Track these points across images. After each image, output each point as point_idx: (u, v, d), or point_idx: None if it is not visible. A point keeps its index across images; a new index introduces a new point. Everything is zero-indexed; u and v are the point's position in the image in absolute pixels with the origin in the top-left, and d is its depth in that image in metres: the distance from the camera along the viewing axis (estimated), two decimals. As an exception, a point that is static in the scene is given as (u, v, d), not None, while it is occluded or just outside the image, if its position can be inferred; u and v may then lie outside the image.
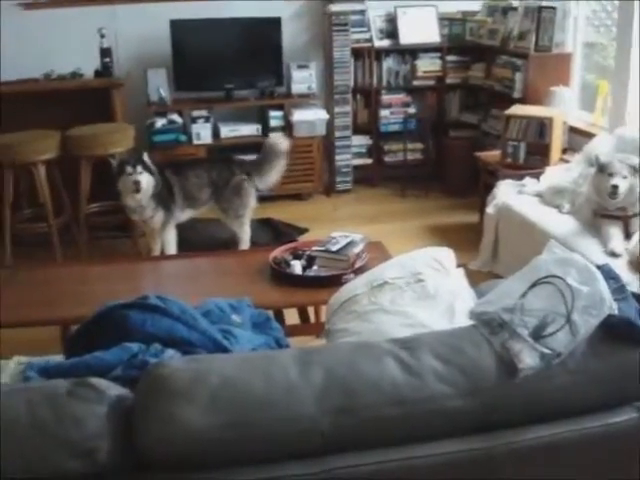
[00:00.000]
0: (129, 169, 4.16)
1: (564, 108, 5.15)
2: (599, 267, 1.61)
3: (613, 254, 3.47)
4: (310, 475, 1.32)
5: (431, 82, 6.30)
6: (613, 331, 1.49)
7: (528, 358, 1.41)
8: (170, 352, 1.85)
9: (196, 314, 2.05)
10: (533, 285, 1.50)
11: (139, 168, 4.16)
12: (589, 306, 1.45)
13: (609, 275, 1.59)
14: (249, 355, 1.67)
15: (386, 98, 6.23)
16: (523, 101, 5.36)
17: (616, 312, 1.48)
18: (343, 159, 6.16)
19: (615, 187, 3.61)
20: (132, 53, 5.71)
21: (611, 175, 3.64)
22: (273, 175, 4.61)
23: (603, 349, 1.50)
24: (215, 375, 1.37)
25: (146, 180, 4.19)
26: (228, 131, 5.78)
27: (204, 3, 5.79)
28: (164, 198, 4.32)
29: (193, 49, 5.76)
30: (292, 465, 1.34)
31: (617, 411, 1.52)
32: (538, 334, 1.44)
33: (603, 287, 1.48)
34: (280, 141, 4.65)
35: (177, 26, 5.62)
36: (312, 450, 1.34)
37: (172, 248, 4.46)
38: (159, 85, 5.63)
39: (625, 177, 3.62)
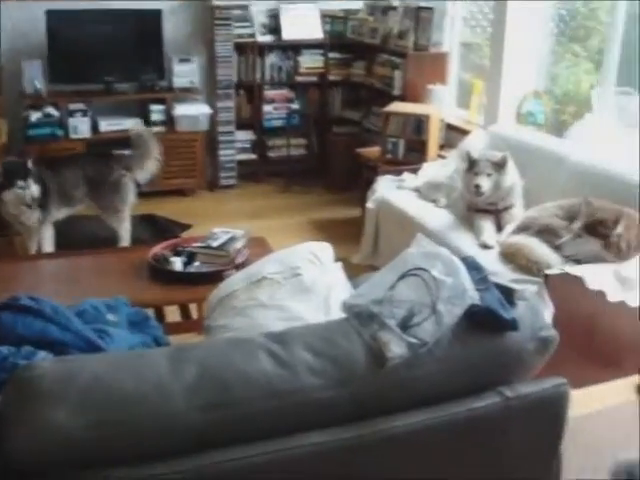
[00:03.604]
0: (20, 183, 4.00)
1: (441, 106, 5.33)
2: (464, 259, 1.68)
3: (485, 246, 3.62)
4: (184, 472, 1.32)
5: (314, 78, 6.38)
6: (475, 319, 1.56)
7: (396, 348, 1.46)
8: (42, 354, 1.80)
9: (70, 314, 2.01)
10: (401, 277, 1.55)
11: (30, 181, 4.01)
12: (452, 296, 1.51)
13: (473, 267, 1.66)
14: (120, 354, 1.65)
15: (269, 93, 6.26)
16: (402, 99, 5.49)
17: (478, 302, 1.55)
18: (227, 154, 6.15)
19: (477, 187, 3.76)
20: (6, 44, 5.48)
21: (476, 174, 3.79)
22: (151, 164, 4.54)
23: (467, 337, 1.56)
24: (85, 375, 1.34)
25: (36, 190, 4.06)
26: (107, 125, 5.65)
27: (82, -7, 5.65)
28: (39, 196, 4.17)
29: (70, 40, 5.59)
30: (166, 462, 1.33)
31: (482, 396, 1.59)
32: (406, 324, 1.49)
33: (465, 278, 1.55)
34: (142, 130, 4.60)
35: (53, 17, 5.45)
36: (185, 446, 1.34)
37: (49, 247, 4.33)
38: (34, 77, 5.43)
39: (489, 175, 3.77)
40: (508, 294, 1.66)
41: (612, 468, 1.86)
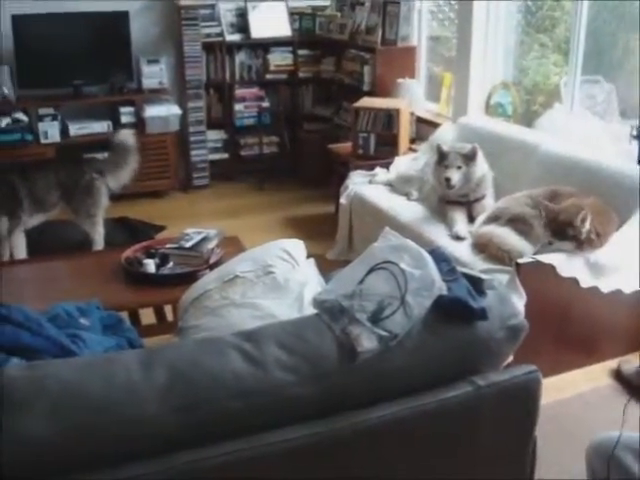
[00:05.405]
0: None
1: (411, 99, 5.34)
2: (433, 251, 1.69)
3: (458, 237, 3.64)
4: (158, 473, 1.32)
5: (284, 76, 6.37)
6: (444, 310, 1.57)
7: (366, 341, 1.47)
8: (15, 360, 1.79)
9: (42, 320, 1.99)
10: (370, 271, 1.56)
11: None
12: (421, 288, 1.52)
13: (441, 258, 1.68)
14: (90, 358, 1.64)
15: (240, 92, 6.24)
16: (372, 94, 5.51)
17: (446, 292, 1.56)
18: (199, 154, 6.13)
19: (448, 179, 3.79)
20: (-28, 50, 5.42)
21: (446, 167, 3.81)
22: (125, 173, 4.50)
23: (437, 328, 1.58)
24: (54, 381, 1.34)
25: None
26: (77, 129, 5.61)
27: (47, -3, 5.59)
28: (8, 203, 4.13)
29: (37, 45, 5.54)
30: (139, 464, 1.32)
31: (454, 386, 1.60)
32: (376, 317, 1.50)
33: (433, 270, 1.56)
34: (127, 137, 4.53)
35: (20, 21, 5.40)
36: (158, 448, 1.33)
37: (22, 253, 4.29)
38: (2, 83, 5.39)
39: (459, 167, 3.80)
40: (477, 284, 1.68)
41: (589, 451, 1.88)
